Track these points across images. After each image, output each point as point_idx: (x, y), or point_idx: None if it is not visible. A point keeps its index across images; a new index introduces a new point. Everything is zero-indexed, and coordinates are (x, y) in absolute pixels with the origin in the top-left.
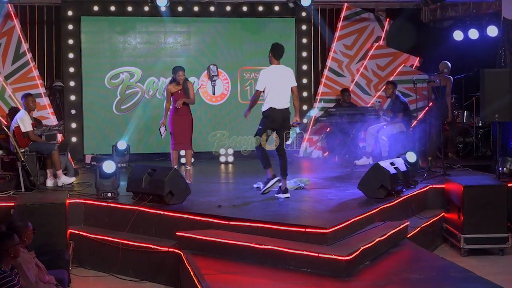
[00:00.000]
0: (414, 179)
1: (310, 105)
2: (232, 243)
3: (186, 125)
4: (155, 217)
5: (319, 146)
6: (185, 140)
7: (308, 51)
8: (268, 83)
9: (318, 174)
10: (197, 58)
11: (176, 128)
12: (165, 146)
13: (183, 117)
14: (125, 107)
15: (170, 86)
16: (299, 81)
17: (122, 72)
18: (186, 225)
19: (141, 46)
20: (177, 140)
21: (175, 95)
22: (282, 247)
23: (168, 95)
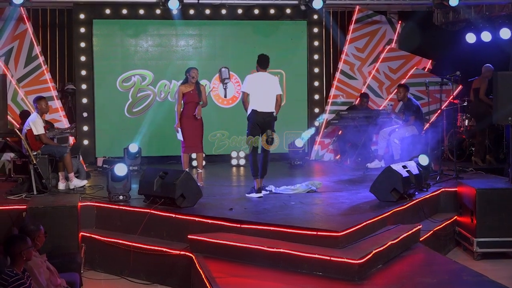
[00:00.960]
0: (427, 182)
1: (321, 108)
2: (243, 246)
3: (196, 128)
4: (166, 220)
5: (331, 149)
6: (195, 143)
7: (320, 54)
8: (252, 86)
9: (330, 177)
10: (209, 61)
11: (186, 131)
12: (176, 149)
13: (193, 120)
14: (136, 110)
15: (182, 86)
16: (310, 84)
17: (134, 75)
18: (197, 228)
19: (152, 49)
20: (188, 143)
21: (187, 96)
22: (293, 251)
23: (179, 97)
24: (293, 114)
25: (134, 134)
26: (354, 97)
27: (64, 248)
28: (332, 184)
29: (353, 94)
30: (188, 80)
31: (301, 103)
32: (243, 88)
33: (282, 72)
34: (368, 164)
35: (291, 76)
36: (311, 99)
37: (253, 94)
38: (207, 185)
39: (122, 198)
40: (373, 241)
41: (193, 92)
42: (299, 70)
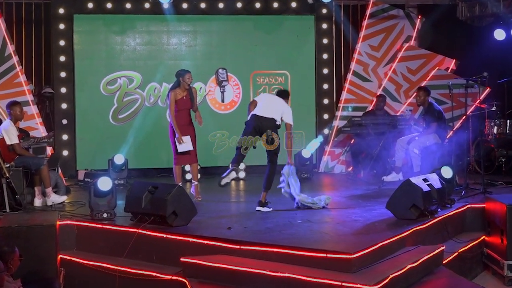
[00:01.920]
0: (450, 198)
1: (331, 113)
2: (243, 270)
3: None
4: (156, 240)
5: (342, 160)
6: (189, 153)
7: (329, 53)
8: (263, 98)
9: (341, 192)
10: (204, 61)
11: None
12: (168, 161)
13: (186, 128)
14: (123, 116)
15: (174, 92)
16: (319, 86)
17: (120, 77)
18: (191, 250)
19: (141, 48)
20: (179, 155)
21: (179, 102)
22: (300, 275)
23: (172, 103)
24: (299, 120)
25: (120, 143)
26: (368, 102)
27: (41, 272)
28: (344, 200)
29: (366, 98)
30: (180, 85)
31: (308, 108)
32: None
33: (287, 74)
34: (384, 177)
35: (297, 78)
36: (319, 103)
37: (260, 103)
38: (203, 202)
39: (106, 215)
40: (390, 264)
41: (186, 98)
42: (306, 71)
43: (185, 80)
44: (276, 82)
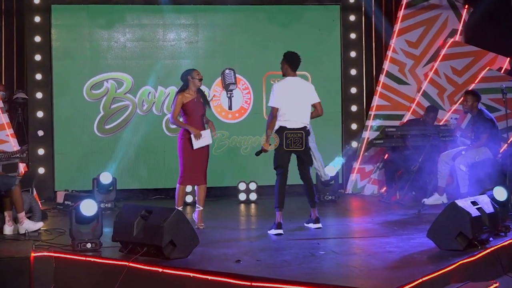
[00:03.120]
0: (505, 224)
1: (361, 123)
2: None
3: (201, 152)
4: (151, 276)
5: (374, 179)
6: (199, 172)
7: (358, 50)
8: (283, 98)
9: (372, 217)
10: (208, 60)
11: (188, 156)
12: (164, 179)
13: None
14: (110, 127)
15: (182, 94)
16: (345, 90)
17: (107, 80)
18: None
19: (132, 45)
20: (188, 172)
21: (188, 106)
22: None
23: (177, 108)
24: (322, 131)
25: (107, 159)
26: (404, 108)
27: None
28: (376, 227)
29: (403, 104)
30: (188, 86)
31: (333, 117)
32: (272, 102)
33: (307, 75)
34: (425, 199)
35: (319, 80)
36: (346, 111)
37: (284, 108)
38: (206, 229)
39: (90, 246)
40: None
41: (197, 101)
42: (330, 72)
43: (194, 76)
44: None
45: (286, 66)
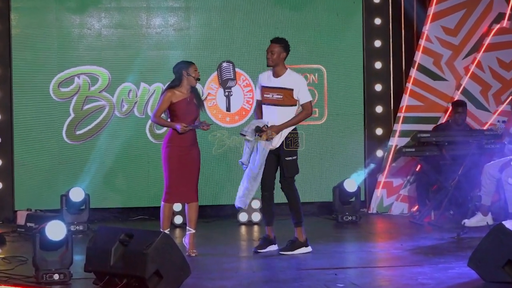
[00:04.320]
0: None
1: (387, 128)
2: None
3: (191, 162)
4: None
5: (404, 196)
6: (188, 186)
7: (384, 39)
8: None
9: (402, 241)
10: (201, 51)
11: (175, 167)
12: (146, 196)
13: (187, 149)
14: (82, 132)
15: (172, 91)
16: (369, 88)
17: (78, 75)
18: None
19: (109, 33)
20: (175, 188)
21: (178, 106)
22: None
23: (163, 105)
24: (341, 137)
25: (79, 171)
26: (440, 110)
27: None
28: (406, 254)
29: (439, 104)
30: (181, 82)
31: (354, 120)
32: (309, 95)
33: (322, 69)
34: (466, 220)
35: (336, 75)
36: (370, 113)
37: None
38: (199, 257)
39: (58, 277)
40: None
41: (190, 101)
42: (350, 65)
43: (190, 73)
44: (307, 81)
45: (285, 54)
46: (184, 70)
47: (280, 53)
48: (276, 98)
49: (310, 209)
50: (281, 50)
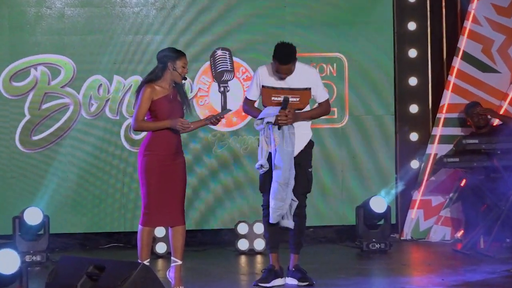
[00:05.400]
0: None
1: (424, 132)
2: None
3: (176, 174)
4: None
5: (445, 218)
6: (172, 206)
7: (420, 20)
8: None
9: (443, 275)
10: (190, 36)
11: (155, 181)
12: (124, 220)
13: (170, 159)
14: (40, 138)
15: (151, 87)
16: (400, 81)
17: (35, 66)
18: None
19: (74, 13)
20: (155, 208)
21: (159, 106)
22: None
23: (143, 106)
24: (365, 145)
25: (36, 187)
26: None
27: None
28: None
29: (489, 102)
30: (163, 75)
31: (382, 122)
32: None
33: (342, 58)
34: None
35: (360, 66)
36: (402, 113)
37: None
38: None
39: None
40: None
41: (173, 98)
42: (377, 54)
43: (177, 67)
44: (322, 74)
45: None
46: (170, 62)
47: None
48: (290, 101)
49: (327, 234)
50: (294, 61)
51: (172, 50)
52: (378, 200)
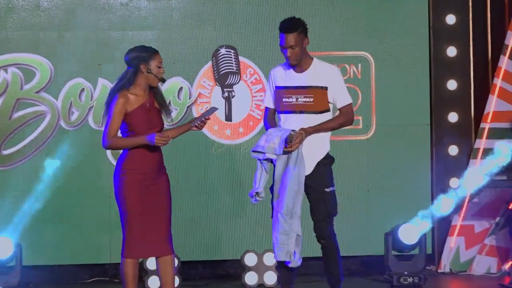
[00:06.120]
0: None
1: (466, 145)
2: None
3: (160, 195)
4: None
5: (490, 247)
6: (157, 233)
7: (461, 13)
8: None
9: None
10: (188, 31)
11: (136, 204)
12: (110, 251)
13: (151, 177)
14: (11, 152)
15: (124, 95)
16: (437, 85)
17: (6, 67)
18: None
19: (51, 5)
20: (138, 236)
21: (135, 118)
22: None
23: (115, 119)
24: (395, 160)
25: (6, 212)
26: None
27: None
28: None
29: None
30: (135, 80)
31: (415, 133)
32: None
33: (367, 57)
34: None
35: (389, 67)
36: (439, 122)
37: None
38: None
39: None
40: None
41: (150, 106)
42: (410, 52)
43: (152, 70)
44: (344, 76)
45: (307, 39)
46: (143, 64)
47: (302, 41)
48: (303, 102)
49: (352, 266)
50: (301, 36)
51: (142, 49)
52: (410, 227)
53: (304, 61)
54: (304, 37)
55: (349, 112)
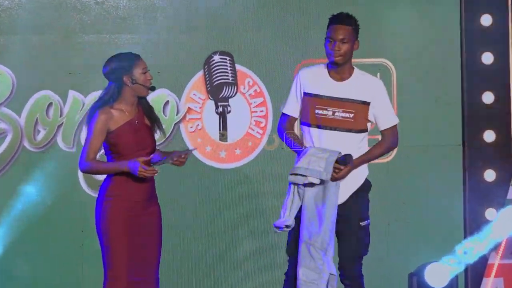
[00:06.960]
0: None
1: (505, 169)
2: None
3: (149, 229)
4: None
5: None
6: (145, 273)
7: (499, 14)
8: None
9: None
10: (178, 36)
11: (119, 238)
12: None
13: (141, 207)
14: None
15: (105, 113)
16: (470, 98)
17: None
18: None
19: (13, 4)
20: (121, 276)
21: (122, 138)
22: None
23: (95, 140)
24: (421, 187)
25: None
26: None
27: None
28: None
29: None
30: (121, 94)
31: (445, 155)
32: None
33: (388, 66)
34: None
35: (413, 76)
36: (474, 142)
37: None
38: None
39: None
40: None
41: (138, 122)
42: (438, 60)
43: (138, 79)
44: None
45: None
46: (125, 75)
47: (353, 40)
48: (341, 117)
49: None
50: (354, 35)
51: (121, 57)
52: (438, 267)
53: (346, 68)
54: (356, 37)
55: (393, 136)
